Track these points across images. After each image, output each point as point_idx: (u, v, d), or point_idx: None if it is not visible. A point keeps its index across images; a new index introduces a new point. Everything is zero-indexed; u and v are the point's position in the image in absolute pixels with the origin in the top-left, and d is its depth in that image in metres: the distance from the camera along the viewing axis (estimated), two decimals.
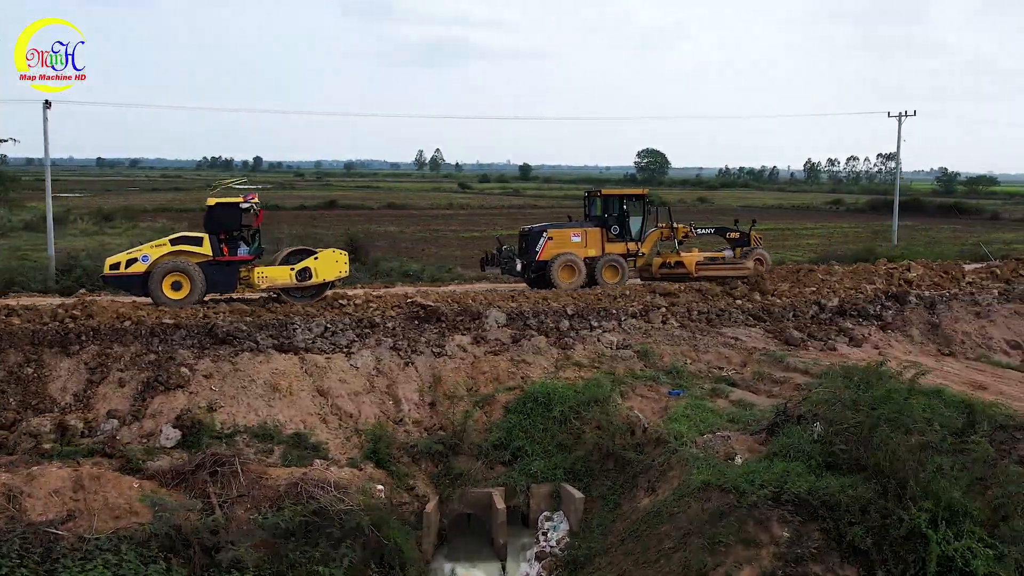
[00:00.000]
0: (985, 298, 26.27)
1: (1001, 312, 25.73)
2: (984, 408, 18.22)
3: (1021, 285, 27.66)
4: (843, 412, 16.98)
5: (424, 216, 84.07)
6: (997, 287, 27.33)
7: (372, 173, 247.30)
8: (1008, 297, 26.74)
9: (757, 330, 23.36)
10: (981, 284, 27.80)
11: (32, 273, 35.36)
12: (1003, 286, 27.47)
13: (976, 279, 28.28)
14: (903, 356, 22.77)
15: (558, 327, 21.97)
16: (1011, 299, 26.69)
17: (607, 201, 29.36)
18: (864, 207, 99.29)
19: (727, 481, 15.87)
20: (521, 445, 18.75)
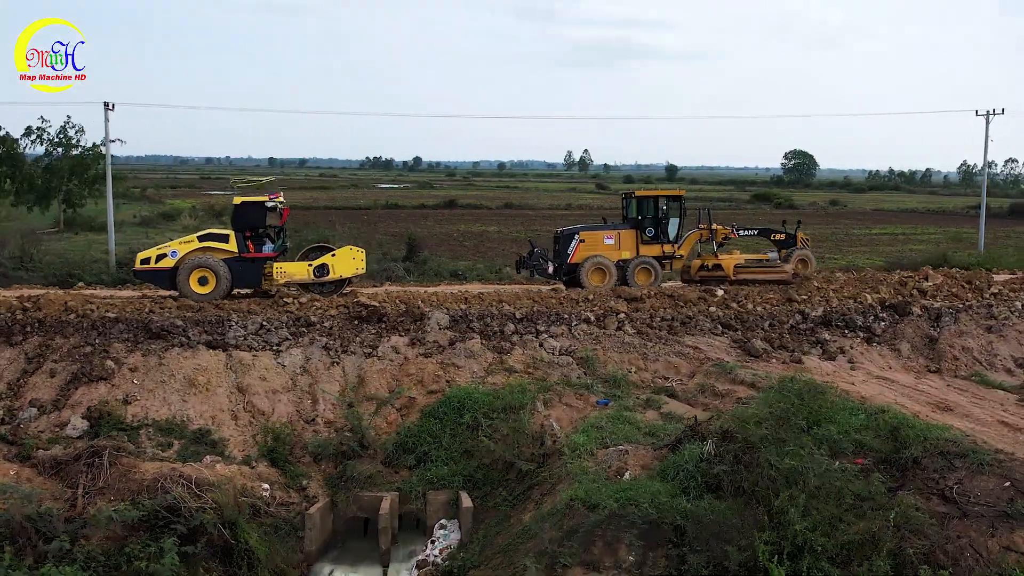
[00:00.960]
0: (1002, 311, 24.15)
1: (1018, 326, 23.57)
2: (922, 432, 16.76)
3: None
4: (745, 431, 15.98)
5: (535, 216, 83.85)
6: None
7: (523, 174, 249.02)
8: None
9: (723, 339, 22.19)
10: (1008, 295, 25.59)
11: (93, 267, 37.20)
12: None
13: (1004, 290, 26.03)
14: (877, 371, 21.25)
15: (503, 331, 21.43)
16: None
17: (642, 202, 28.60)
18: (1005, 212, 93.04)
19: (593, 499, 15.12)
20: (427, 450, 18.41)
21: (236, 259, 23.59)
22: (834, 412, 17.82)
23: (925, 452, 16.56)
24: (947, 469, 16.14)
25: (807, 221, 35.15)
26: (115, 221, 60.63)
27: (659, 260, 27.60)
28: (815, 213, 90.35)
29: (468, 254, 51.71)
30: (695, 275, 28.09)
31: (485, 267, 40.23)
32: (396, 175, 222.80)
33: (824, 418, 17.65)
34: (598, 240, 27.78)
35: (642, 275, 27.16)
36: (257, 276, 23.75)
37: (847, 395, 19.08)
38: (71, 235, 53.57)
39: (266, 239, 24.42)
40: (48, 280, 33.37)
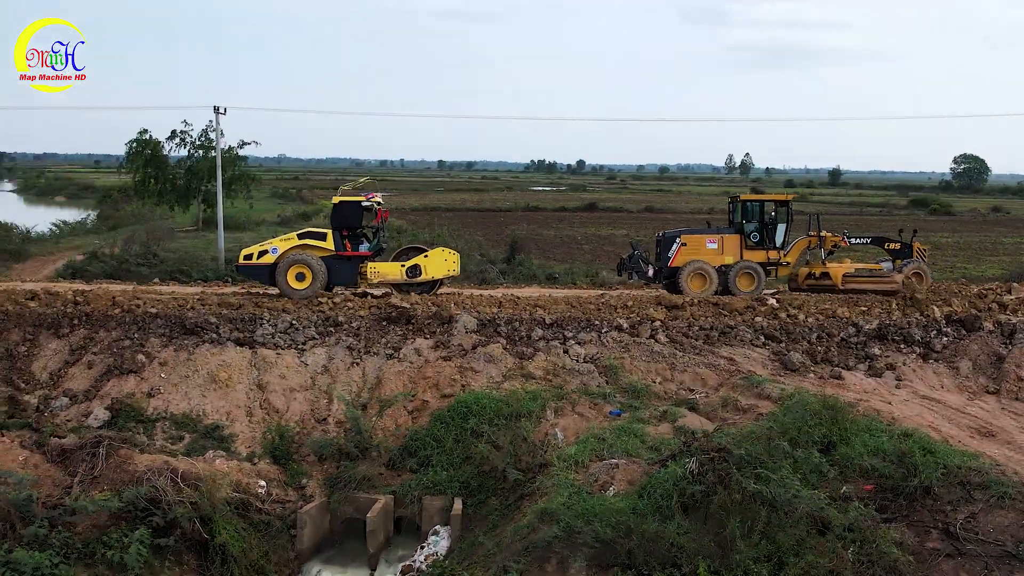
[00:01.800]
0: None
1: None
2: (943, 459, 15.53)
3: None
4: (733, 449, 15.18)
5: (674, 220, 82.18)
6: None
7: (684, 177, 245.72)
8: None
9: (763, 351, 21.12)
10: None
11: (205, 264, 38.96)
12: None
13: None
14: (925, 390, 19.77)
15: (529, 336, 21.06)
16: None
17: (747, 207, 27.72)
18: None
19: (558, 514, 14.70)
20: (429, 455, 18.27)
21: (333, 257, 24.21)
22: (853, 433, 16.71)
23: (942, 481, 15.39)
24: (963, 501, 14.93)
25: (961, 228, 33.17)
26: (255, 220, 63.68)
27: (763, 266, 26.61)
28: (971, 220, 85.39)
29: (582, 257, 51.33)
30: (802, 283, 27.03)
31: (581, 271, 39.74)
32: (556, 178, 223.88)
33: (840, 439, 16.61)
34: (700, 244, 27.01)
35: (744, 281, 26.26)
36: (353, 274, 24.33)
37: (877, 415, 17.83)
38: (207, 233, 56.23)
39: (363, 238, 24.95)
40: (161, 275, 35.11)
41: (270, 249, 24.20)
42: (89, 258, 41.57)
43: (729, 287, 26.13)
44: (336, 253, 24.26)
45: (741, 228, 27.16)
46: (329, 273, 24.04)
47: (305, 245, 24.28)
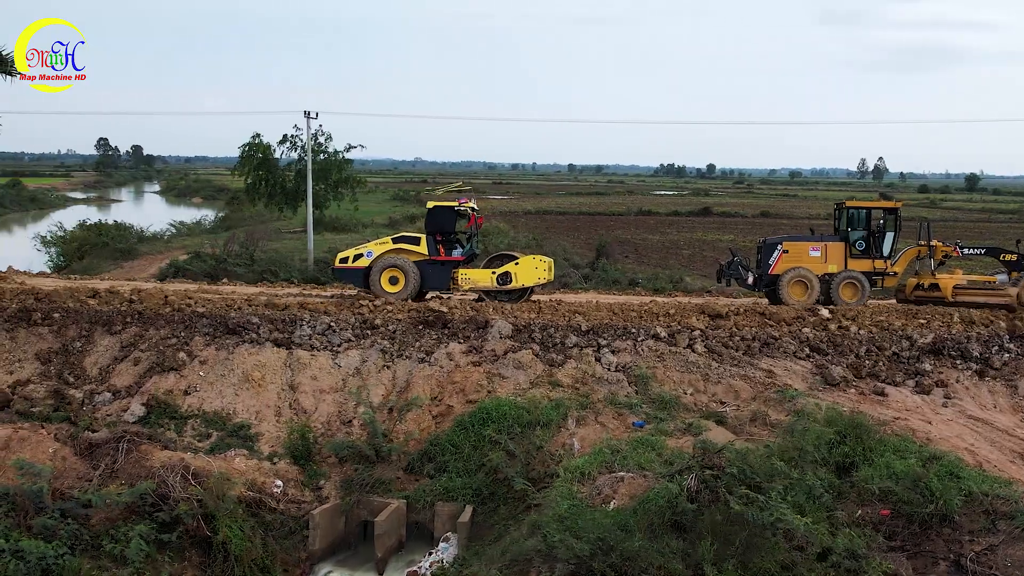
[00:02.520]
0: None
1: None
2: (969, 486, 14.64)
3: None
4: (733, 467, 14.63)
5: (788, 226, 79.85)
6: None
7: (815, 182, 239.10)
8: None
9: (806, 364, 20.25)
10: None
11: (293, 266, 39.93)
12: None
13: None
14: (975, 410, 18.64)
15: (563, 343, 20.73)
16: None
17: (853, 214, 26.81)
18: None
19: (548, 527, 14.43)
20: (446, 460, 18.20)
21: (426, 261, 24.52)
22: (878, 454, 15.89)
23: (965, 509, 14.50)
24: (984, 531, 14.08)
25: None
26: (362, 222, 64.97)
27: (868, 276, 25.74)
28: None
29: (680, 262, 50.48)
30: (910, 295, 26.12)
31: (665, 276, 39.04)
32: (683, 182, 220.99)
33: (862, 459, 15.82)
34: (803, 251, 26.24)
35: (847, 291, 25.45)
36: (445, 279, 24.54)
37: (911, 435, 16.88)
38: (316, 235, 57.74)
39: (456, 243, 25.19)
40: (255, 276, 36.21)
41: (365, 253, 24.62)
42: (192, 258, 43.11)
43: (831, 297, 25.36)
44: (429, 258, 24.48)
45: (846, 236, 26.28)
46: (422, 277, 24.30)
47: (399, 249, 24.60)
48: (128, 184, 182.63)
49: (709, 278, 43.04)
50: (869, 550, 13.66)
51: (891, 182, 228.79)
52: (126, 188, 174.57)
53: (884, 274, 25.93)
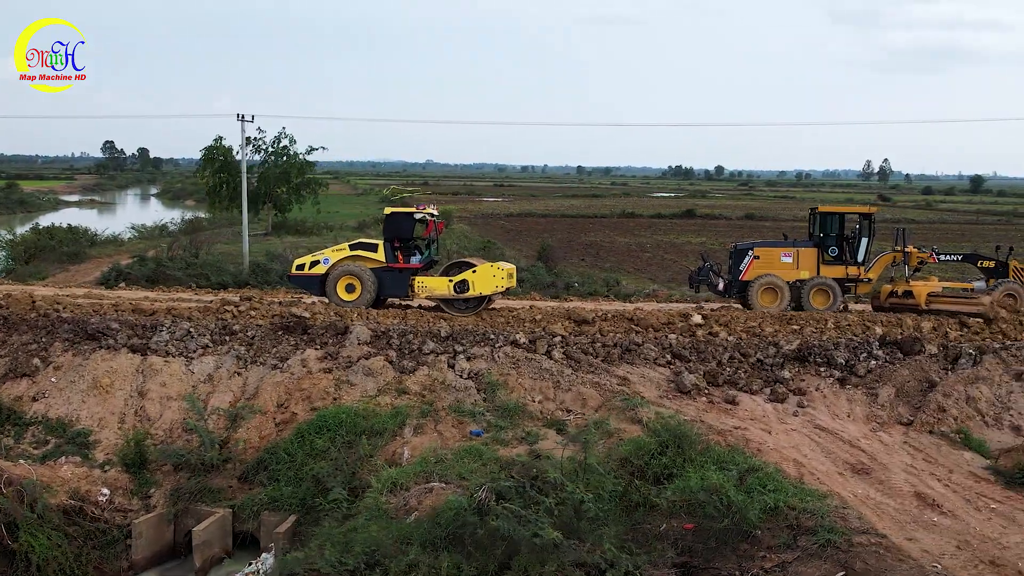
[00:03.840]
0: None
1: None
2: (776, 500, 14.21)
3: None
4: (521, 480, 14.27)
5: (772, 227, 79.14)
6: None
7: (821, 184, 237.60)
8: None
9: (665, 371, 19.80)
10: None
11: (227, 269, 39.52)
12: None
13: None
14: (824, 419, 18.17)
15: (420, 349, 20.34)
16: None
17: (826, 219, 26.22)
18: None
19: (329, 540, 14.09)
20: (279, 469, 17.85)
21: (384, 268, 23.98)
22: (698, 465, 15.46)
23: (770, 524, 14.09)
24: (783, 547, 13.70)
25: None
26: (331, 225, 64.71)
27: (841, 283, 25.23)
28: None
29: (636, 265, 49.99)
30: (884, 301, 25.51)
31: (602, 280, 38.52)
32: (688, 183, 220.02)
33: (681, 471, 15.39)
34: (774, 257, 25.69)
35: (818, 298, 24.92)
36: (403, 286, 23.97)
37: (743, 446, 16.46)
38: (274, 238, 57.50)
39: (415, 250, 24.80)
40: (191, 280, 35.93)
41: (322, 259, 24.12)
42: (134, 262, 42.83)
43: (802, 303, 24.89)
44: (387, 265, 23.98)
45: (819, 242, 25.74)
46: (380, 285, 23.85)
47: (357, 256, 24.07)
48: (131, 187, 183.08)
49: (657, 281, 42.66)
50: (654, 567, 13.24)
51: (896, 183, 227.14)
52: (131, 191, 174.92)
53: (857, 280, 25.47)
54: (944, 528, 14.11)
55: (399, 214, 24.84)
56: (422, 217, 24.66)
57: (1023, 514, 14.68)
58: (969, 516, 14.54)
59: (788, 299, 24.90)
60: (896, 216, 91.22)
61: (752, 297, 24.97)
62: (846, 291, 25.39)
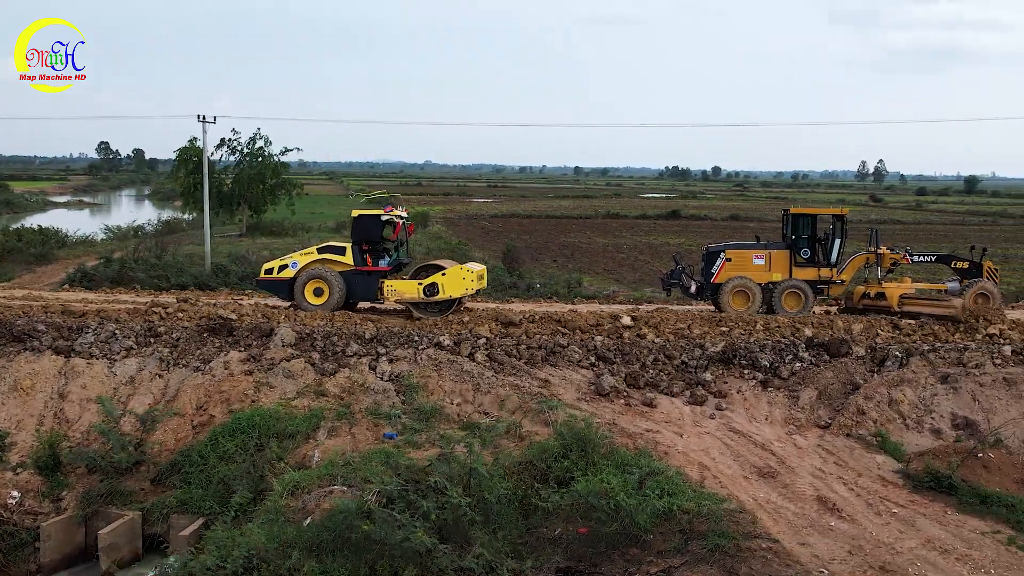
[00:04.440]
0: (975, 357, 19.63)
1: (981, 379, 19.01)
2: (675, 502, 14.11)
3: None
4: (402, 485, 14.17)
5: (757, 228, 78.81)
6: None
7: (817, 184, 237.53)
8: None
9: (587, 373, 19.67)
10: (1008, 338, 20.99)
11: (188, 271, 39.37)
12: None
13: (1004, 330, 21.35)
14: (741, 422, 18.05)
15: (345, 351, 20.21)
16: None
17: (798, 221, 26.01)
18: None
19: (219, 544, 13.93)
20: (192, 472, 17.72)
21: (353, 272, 23.80)
22: (600, 468, 15.32)
23: (663, 527, 13.95)
24: (673, 552, 13.59)
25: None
26: (308, 226, 64.56)
27: (813, 285, 25.11)
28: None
29: (609, 267, 49.82)
30: (857, 303, 25.36)
31: (562, 280, 38.33)
32: (683, 184, 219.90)
33: (583, 474, 15.25)
34: (746, 259, 25.58)
35: (790, 300, 24.82)
36: (372, 289, 23.79)
37: (651, 449, 16.35)
38: (247, 239, 57.39)
39: (384, 253, 24.63)
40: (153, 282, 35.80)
41: (290, 264, 23.93)
42: (100, 263, 42.70)
43: (774, 306, 24.77)
44: (355, 268, 23.80)
45: (792, 244, 25.58)
46: (348, 288, 23.66)
47: (325, 259, 23.89)
48: (124, 187, 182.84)
49: (624, 282, 42.51)
50: (538, 572, 13.12)
51: (891, 184, 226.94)
52: (124, 191, 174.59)
53: (830, 282, 25.37)
54: (840, 533, 13.97)
55: (366, 216, 24.59)
56: (390, 219, 24.47)
57: (923, 519, 14.55)
58: (868, 521, 14.40)
59: (760, 302, 24.77)
60: (882, 217, 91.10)
61: (723, 300, 24.80)
62: (819, 293, 25.28)
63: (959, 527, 14.36)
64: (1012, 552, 13.61)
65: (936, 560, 13.20)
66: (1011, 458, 16.44)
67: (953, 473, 15.61)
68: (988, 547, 13.70)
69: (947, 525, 14.40)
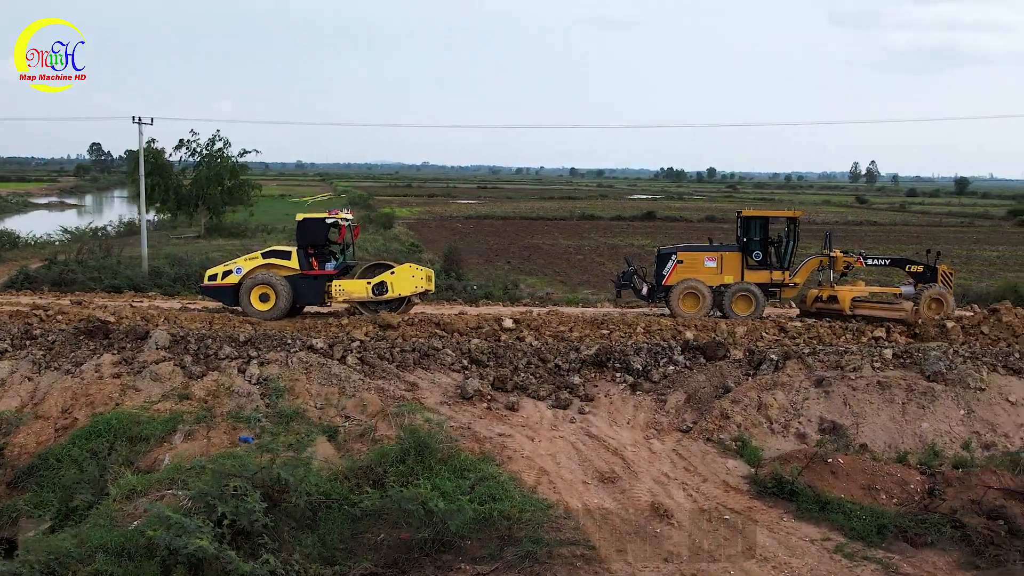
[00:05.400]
0: (854, 360, 19.42)
1: (855, 383, 18.76)
2: (497, 507, 13.99)
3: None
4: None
5: (730, 231, 78.70)
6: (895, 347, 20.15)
7: (809, 185, 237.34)
8: (906, 362, 19.49)
9: (458, 376, 19.47)
10: (894, 340, 20.84)
11: (123, 272, 39.08)
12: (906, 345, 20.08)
13: (879, 335, 21.24)
14: (601, 426, 17.87)
15: (218, 354, 20.01)
16: (908, 365, 19.42)
17: (750, 223, 25.96)
18: None
19: (33, 548, 13.73)
20: (47, 475, 17.53)
21: (299, 276, 23.71)
22: (436, 473, 15.14)
23: (481, 533, 13.79)
24: (487, 558, 13.57)
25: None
26: (272, 227, 64.35)
27: (765, 288, 25.06)
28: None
29: (561, 269, 49.57)
30: (811, 306, 25.32)
31: (500, 283, 38.09)
32: (675, 185, 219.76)
33: (420, 478, 15.07)
34: (698, 262, 25.58)
35: (740, 304, 24.88)
36: (319, 293, 23.74)
37: (497, 453, 16.17)
38: (206, 240, 57.20)
39: (330, 256, 24.48)
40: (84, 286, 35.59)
41: (234, 269, 23.87)
42: (44, 265, 42.48)
43: (724, 310, 24.53)
44: (301, 272, 23.65)
45: (744, 246, 25.39)
46: (295, 292, 23.46)
47: (270, 264, 23.74)
48: (114, 188, 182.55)
49: (568, 284, 42.27)
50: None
51: (883, 185, 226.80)
52: (115, 192, 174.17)
53: (782, 285, 25.29)
54: (662, 540, 13.75)
55: (311, 220, 24.51)
56: (335, 222, 24.43)
57: (754, 526, 14.32)
58: (696, 528, 14.17)
59: (710, 304, 24.65)
60: (859, 218, 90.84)
61: (673, 303, 24.63)
62: (771, 296, 25.17)
63: (789, 534, 14.13)
64: (835, 560, 13.38)
65: (751, 568, 12.99)
66: (862, 463, 16.16)
67: (795, 479, 15.34)
68: (811, 555, 13.48)
69: (777, 532, 14.17)
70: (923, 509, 15.18)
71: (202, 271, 36.03)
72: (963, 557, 13.72)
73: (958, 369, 19.15)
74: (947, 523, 14.46)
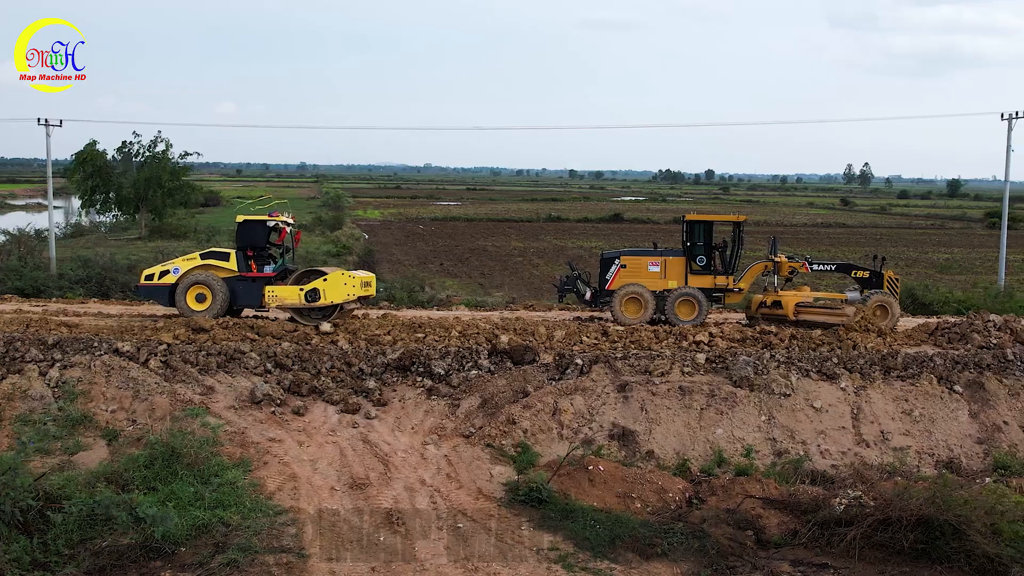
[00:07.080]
0: (661, 366, 19.11)
1: (657, 388, 18.48)
2: (219, 515, 13.79)
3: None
4: None
5: None
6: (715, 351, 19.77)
7: (804, 187, 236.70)
8: (717, 367, 19.17)
9: (258, 379, 19.18)
10: (708, 345, 20.45)
11: (31, 276, 38.76)
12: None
13: (701, 340, 20.87)
14: (382, 431, 17.63)
15: (23, 356, 19.75)
16: (718, 370, 19.11)
17: (694, 228, 25.68)
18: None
19: None
20: None
21: (236, 278, 23.56)
22: (179, 478, 14.96)
23: (198, 540, 13.64)
24: (196, 565, 13.43)
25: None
26: (219, 229, 64.17)
27: (708, 293, 24.82)
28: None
29: (488, 272, 49.31)
30: (755, 312, 25.14)
31: (406, 287, 37.84)
32: (669, 187, 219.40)
33: (161, 484, 14.85)
34: (641, 266, 25.29)
35: (683, 309, 24.61)
36: (257, 296, 23.48)
37: (257, 458, 15.96)
38: (144, 242, 57.07)
39: (269, 259, 24.28)
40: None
41: (171, 269, 23.67)
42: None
43: (667, 315, 24.33)
44: (239, 274, 23.54)
45: (687, 251, 25.18)
46: (232, 294, 23.37)
47: (208, 265, 23.62)
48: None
49: (485, 288, 41.98)
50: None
51: (876, 187, 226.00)
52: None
53: (726, 290, 24.98)
54: (382, 549, 13.51)
55: (251, 222, 24.34)
56: (275, 225, 24.20)
57: (484, 535, 14.03)
58: (422, 537, 13.88)
59: (653, 310, 24.36)
60: (828, 220, 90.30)
61: (615, 308, 24.36)
62: (716, 301, 24.89)
63: (517, 543, 13.84)
64: (551, 570, 13.10)
65: (451, 572, 12.74)
66: (622, 471, 15.87)
67: (543, 486, 15.02)
68: (528, 564, 13.19)
69: (505, 541, 13.89)
70: (675, 518, 14.90)
71: (106, 274, 36.07)
72: (692, 568, 13.40)
73: (768, 374, 18.82)
74: (690, 533, 14.15)
